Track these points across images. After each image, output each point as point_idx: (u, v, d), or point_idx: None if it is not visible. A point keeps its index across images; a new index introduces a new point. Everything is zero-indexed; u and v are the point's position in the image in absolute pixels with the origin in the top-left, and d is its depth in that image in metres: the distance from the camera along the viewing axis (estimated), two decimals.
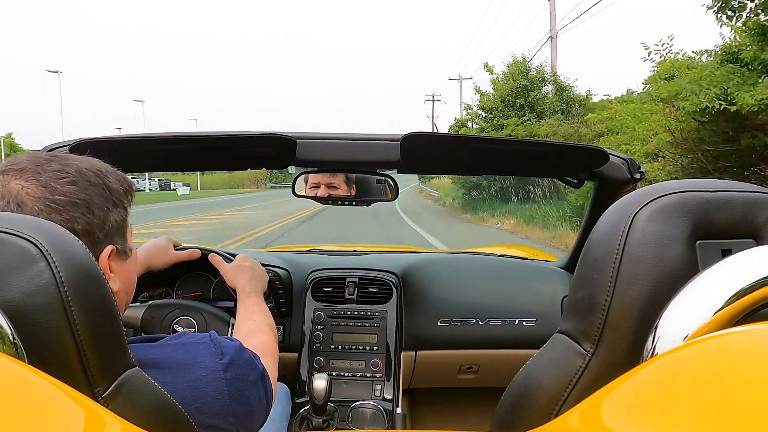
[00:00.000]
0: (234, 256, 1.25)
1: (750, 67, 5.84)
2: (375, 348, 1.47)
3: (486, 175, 13.71)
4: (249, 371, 0.76)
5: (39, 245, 0.51)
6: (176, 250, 1.26)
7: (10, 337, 0.47)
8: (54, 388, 0.43)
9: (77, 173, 0.69)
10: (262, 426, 0.80)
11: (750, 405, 0.35)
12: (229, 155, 1.33)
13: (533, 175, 1.71)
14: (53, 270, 0.50)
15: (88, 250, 0.56)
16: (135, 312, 1.09)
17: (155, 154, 1.30)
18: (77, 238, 0.56)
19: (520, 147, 1.31)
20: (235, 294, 1.13)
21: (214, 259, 1.25)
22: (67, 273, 0.51)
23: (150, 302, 1.15)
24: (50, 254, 0.51)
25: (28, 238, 0.51)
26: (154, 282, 1.37)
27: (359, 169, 1.36)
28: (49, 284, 0.50)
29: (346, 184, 1.63)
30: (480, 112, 17.58)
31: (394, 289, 1.52)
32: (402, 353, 1.49)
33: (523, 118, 15.37)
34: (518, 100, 16.08)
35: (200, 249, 1.29)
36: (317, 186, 1.65)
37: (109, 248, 0.71)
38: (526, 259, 1.84)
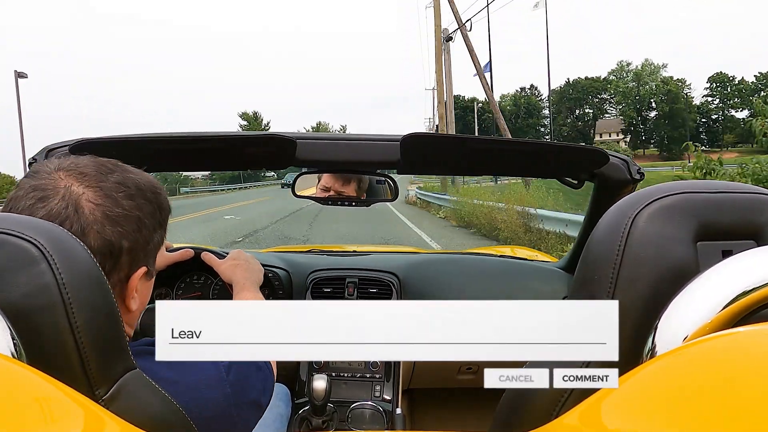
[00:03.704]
0: (227, 254, 1.25)
1: None
2: None
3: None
4: (250, 371, 0.76)
5: (40, 246, 0.51)
6: (168, 251, 1.25)
7: (11, 338, 0.47)
8: (54, 390, 0.43)
9: (136, 189, 0.69)
10: (259, 419, 0.80)
11: (750, 405, 0.35)
12: (230, 155, 1.33)
13: (533, 176, 1.71)
14: (54, 271, 0.50)
15: (88, 250, 0.56)
16: None
17: (155, 155, 1.30)
18: (78, 240, 0.56)
19: (520, 147, 1.31)
20: (232, 290, 1.13)
21: (206, 257, 1.24)
22: (68, 274, 0.51)
23: (147, 306, 1.14)
24: (51, 256, 0.51)
25: (29, 239, 0.51)
26: (155, 284, 1.37)
27: (359, 170, 1.36)
28: (50, 285, 0.50)
29: (356, 193, 1.61)
30: None
31: (393, 289, 1.52)
32: None
33: None
34: None
35: (193, 249, 1.29)
36: (327, 190, 1.64)
37: (142, 269, 0.70)
38: (526, 259, 1.84)
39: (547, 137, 61.28)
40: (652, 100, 59.10)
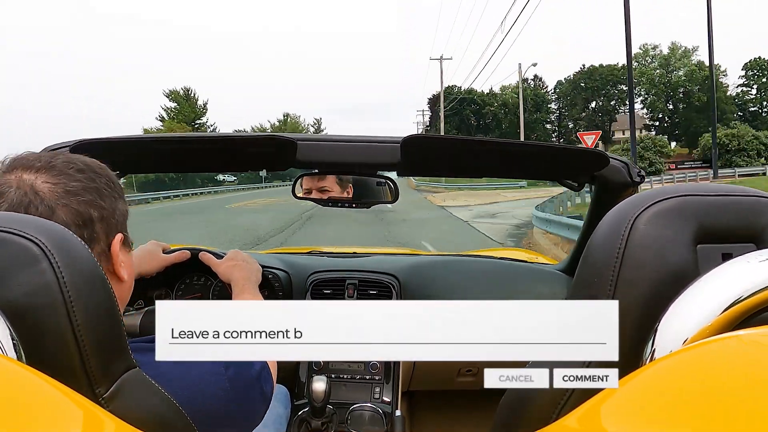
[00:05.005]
0: (225, 254, 1.25)
1: None
2: None
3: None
4: (248, 367, 0.76)
5: (41, 245, 0.51)
6: (165, 253, 1.25)
7: (10, 338, 0.47)
8: (53, 389, 0.43)
9: (84, 165, 0.71)
10: (261, 420, 0.80)
11: (749, 409, 0.35)
12: (230, 156, 1.33)
13: (533, 178, 1.71)
14: (55, 270, 0.50)
15: (90, 249, 0.56)
16: (132, 320, 1.09)
17: (156, 155, 1.30)
18: (80, 240, 0.56)
19: (521, 149, 1.31)
20: (231, 289, 1.13)
21: (204, 257, 1.25)
22: (69, 274, 0.51)
23: (146, 308, 1.14)
24: (53, 254, 0.51)
25: (31, 238, 0.51)
26: (154, 286, 1.37)
27: (359, 172, 1.36)
28: (51, 284, 0.50)
29: (339, 186, 1.61)
30: None
31: (393, 291, 1.53)
32: None
33: None
34: None
35: (190, 250, 1.29)
36: (309, 191, 1.63)
37: (119, 236, 0.73)
38: (526, 262, 1.84)
39: (554, 135, 55.50)
40: (680, 90, 49.11)
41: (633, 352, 0.52)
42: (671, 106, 50.07)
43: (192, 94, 48.28)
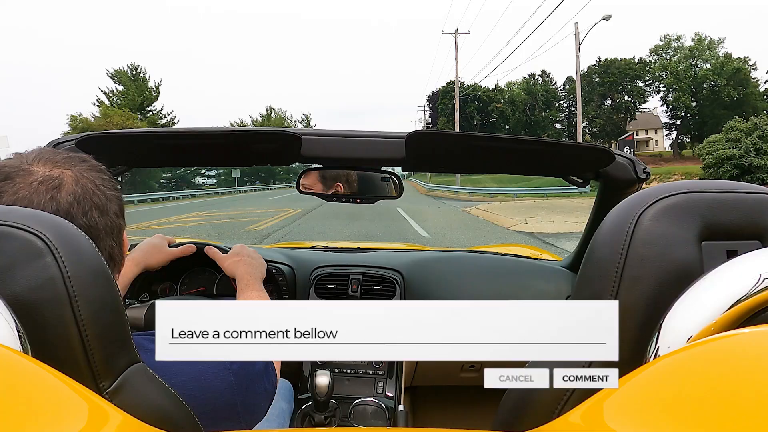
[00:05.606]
0: (230, 248, 1.26)
1: None
2: None
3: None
4: (253, 362, 0.77)
5: (46, 239, 0.51)
6: (171, 247, 1.26)
7: (15, 331, 0.47)
8: (59, 382, 0.43)
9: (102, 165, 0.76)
10: (265, 413, 0.80)
11: (753, 407, 0.34)
12: (235, 151, 1.33)
13: (538, 174, 1.71)
14: (59, 264, 0.51)
15: (94, 245, 0.56)
16: (137, 312, 1.10)
17: (160, 150, 1.31)
18: (84, 234, 0.56)
19: (525, 146, 1.31)
20: (235, 284, 1.14)
21: (210, 251, 1.25)
22: (73, 268, 0.51)
23: (151, 301, 1.15)
24: (57, 249, 0.51)
25: (35, 232, 0.51)
26: (158, 279, 1.38)
27: (363, 167, 1.36)
28: (56, 278, 0.50)
29: (321, 184, 1.58)
30: None
31: (397, 287, 1.53)
32: None
33: None
34: None
35: (195, 244, 1.29)
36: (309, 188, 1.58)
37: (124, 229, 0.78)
38: (530, 258, 1.84)
39: (564, 135, 50.39)
40: (705, 84, 43.16)
41: (637, 349, 0.52)
42: (695, 103, 44.69)
43: (141, 74, 39.40)
